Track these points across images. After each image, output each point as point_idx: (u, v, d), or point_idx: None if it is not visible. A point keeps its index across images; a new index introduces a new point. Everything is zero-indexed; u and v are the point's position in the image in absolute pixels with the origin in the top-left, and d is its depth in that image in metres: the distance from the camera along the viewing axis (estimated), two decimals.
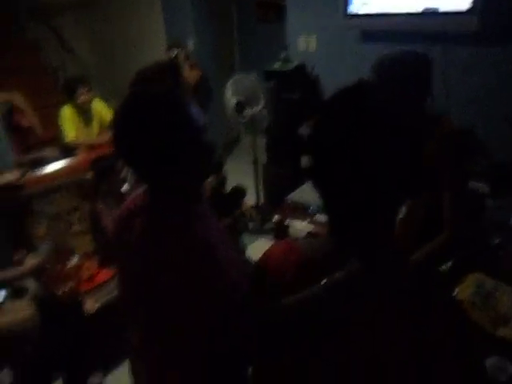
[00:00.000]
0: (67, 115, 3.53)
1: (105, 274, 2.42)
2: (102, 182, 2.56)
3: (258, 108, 3.11)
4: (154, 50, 4.66)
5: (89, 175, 2.64)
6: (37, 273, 2.10)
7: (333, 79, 3.51)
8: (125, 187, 2.65)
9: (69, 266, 2.40)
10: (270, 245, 0.90)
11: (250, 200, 3.74)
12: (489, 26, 2.59)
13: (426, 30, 2.84)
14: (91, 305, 2.18)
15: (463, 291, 1.30)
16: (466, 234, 1.37)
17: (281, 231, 2.97)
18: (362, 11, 3.06)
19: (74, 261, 2.43)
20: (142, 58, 4.81)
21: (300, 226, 2.75)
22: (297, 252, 0.79)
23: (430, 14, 2.75)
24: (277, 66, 3.47)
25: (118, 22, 4.89)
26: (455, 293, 1.31)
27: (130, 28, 4.83)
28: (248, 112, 3.11)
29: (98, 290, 2.30)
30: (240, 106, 3.10)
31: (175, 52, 3.92)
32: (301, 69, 3.49)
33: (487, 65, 2.74)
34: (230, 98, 3.13)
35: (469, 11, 2.55)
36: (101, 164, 2.57)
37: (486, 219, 1.78)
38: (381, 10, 2.97)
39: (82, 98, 3.51)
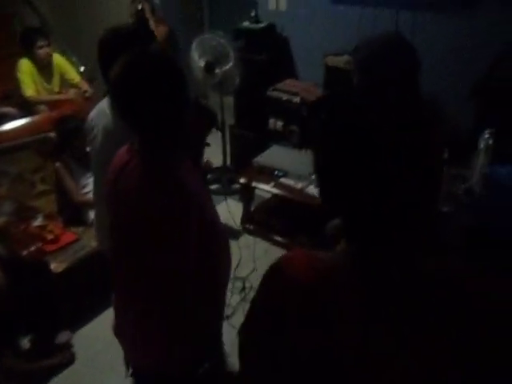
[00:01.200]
0: (25, 68, 3.37)
1: (69, 235, 2.42)
2: (66, 143, 2.51)
3: (226, 68, 3.08)
4: (117, 2, 4.44)
5: (52, 134, 2.58)
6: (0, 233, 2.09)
7: (302, 41, 3.49)
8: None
9: (33, 226, 2.38)
10: (236, 206, 0.97)
11: (216, 160, 3.77)
12: None
13: None
14: (57, 265, 2.19)
15: None
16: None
17: (247, 193, 3.03)
18: None
19: (38, 221, 2.41)
20: (104, 10, 4.59)
21: (266, 189, 2.82)
22: (319, 261, 0.76)
23: None
24: (246, 24, 3.40)
25: None
26: None
27: None
28: (218, 72, 3.08)
29: (64, 251, 2.31)
30: (209, 66, 3.06)
31: (140, 6, 3.77)
32: (270, 29, 3.43)
33: (453, 30, 2.79)
34: (198, 59, 3.08)
35: None
36: (66, 124, 2.51)
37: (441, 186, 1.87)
38: None
39: (42, 51, 3.35)
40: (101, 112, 1.59)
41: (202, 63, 3.07)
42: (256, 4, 3.47)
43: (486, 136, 1.76)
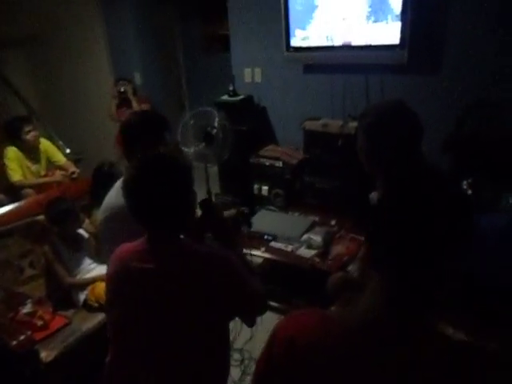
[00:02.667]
0: (12, 155, 3.44)
1: (59, 320, 2.35)
2: (55, 225, 2.51)
3: (220, 139, 3.20)
4: (101, 85, 4.65)
5: (40, 217, 2.58)
6: None
7: (279, 109, 3.66)
8: (82, 231, 2.62)
9: (21, 314, 2.30)
10: None
11: None
12: (416, 57, 2.83)
13: (363, 62, 3.05)
14: (47, 354, 2.10)
15: None
16: None
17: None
18: (303, 45, 3.23)
19: (27, 308, 2.33)
20: (88, 94, 4.79)
21: (257, 254, 2.81)
22: (334, 322, 0.73)
23: (366, 48, 2.96)
24: (225, 97, 3.57)
25: (62, 59, 4.83)
26: None
27: (75, 64, 4.79)
28: (216, 144, 3.19)
29: (54, 337, 2.23)
30: (210, 138, 3.18)
31: (123, 87, 3.95)
32: (248, 100, 3.61)
33: (421, 91, 2.97)
34: (193, 131, 3.17)
35: (399, 46, 2.78)
36: (55, 207, 2.52)
37: None
38: (320, 43, 3.15)
39: (30, 136, 3.45)
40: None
41: (196, 135, 3.17)
42: (233, 78, 3.67)
43: (464, 187, 1.83)
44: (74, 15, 4.55)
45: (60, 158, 3.73)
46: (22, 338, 2.06)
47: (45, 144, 3.68)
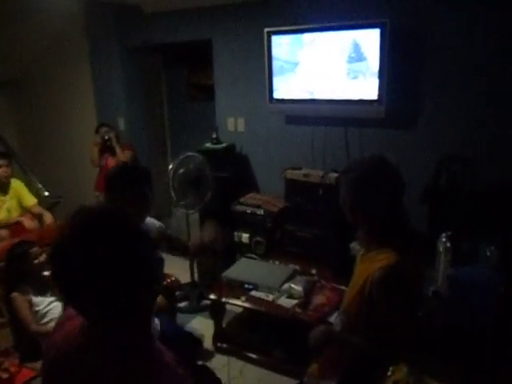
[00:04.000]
0: None
1: (26, 372, 2.21)
2: (14, 269, 2.43)
3: (205, 184, 3.25)
4: (84, 130, 4.66)
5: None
6: None
7: (261, 157, 3.73)
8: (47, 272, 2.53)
9: None
10: (207, 323, 0.80)
11: (184, 277, 3.71)
12: (393, 112, 2.96)
13: (343, 116, 3.17)
14: None
15: (398, 371, 1.38)
16: None
17: (217, 309, 2.95)
18: (285, 97, 3.35)
19: None
20: (70, 138, 4.79)
21: (237, 303, 2.76)
22: None
23: (345, 102, 3.08)
24: (208, 145, 3.62)
25: (46, 102, 4.86)
26: (389, 373, 1.38)
27: (59, 108, 4.81)
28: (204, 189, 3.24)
29: None
30: (198, 183, 3.23)
31: (107, 135, 3.96)
32: (231, 148, 3.67)
33: (395, 144, 3.09)
34: (179, 175, 3.22)
35: (377, 101, 2.91)
36: (13, 251, 2.47)
37: None
38: (302, 96, 3.27)
39: (1, 171, 3.45)
40: None
41: (182, 180, 3.22)
42: (216, 127, 3.74)
43: (443, 239, 1.87)
44: (60, 58, 4.60)
45: (29, 200, 3.71)
46: None
47: (17, 185, 3.68)
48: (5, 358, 2.24)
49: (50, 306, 2.43)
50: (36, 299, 2.40)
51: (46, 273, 2.52)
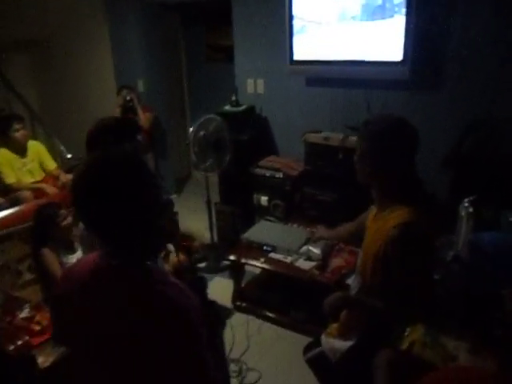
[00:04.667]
0: (2, 160, 3.48)
1: None
2: (42, 230, 2.51)
3: (224, 147, 3.26)
4: (104, 91, 4.67)
5: None
6: None
7: (280, 120, 3.69)
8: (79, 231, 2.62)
9: (19, 319, 2.29)
10: (226, 283, 0.89)
11: (204, 238, 3.79)
12: (418, 74, 2.87)
13: (365, 78, 3.09)
14: (44, 359, 2.09)
15: (415, 332, 1.41)
16: None
17: (237, 270, 3.02)
18: (306, 58, 3.27)
19: (25, 312, 2.33)
20: (91, 99, 4.81)
21: (256, 265, 2.82)
22: (473, 371, 0.75)
23: (368, 63, 3.00)
24: (227, 107, 3.60)
25: (66, 63, 4.86)
26: (406, 333, 1.41)
27: (79, 69, 4.81)
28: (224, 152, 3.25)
29: (51, 343, 2.22)
30: (219, 145, 3.23)
31: (129, 96, 3.97)
32: (250, 111, 3.64)
33: (420, 106, 3.01)
34: (201, 137, 3.22)
35: (401, 62, 2.82)
36: (40, 213, 2.53)
37: None
38: (323, 57, 3.19)
39: (19, 134, 3.49)
40: None
41: (205, 143, 3.22)
42: (236, 89, 3.70)
43: (466, 204, 1.85)
44: (79, 20, 4.58)
45: (50, 163, 3.78)
46: (19, 343, 2.05)
47: (38, 147, 3.74)
48: (36, 311, 2.36)
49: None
50: (64, 257, 2.50)
51: (75, 232, 2.61)
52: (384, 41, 2.88)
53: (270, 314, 2.88)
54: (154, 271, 1.07)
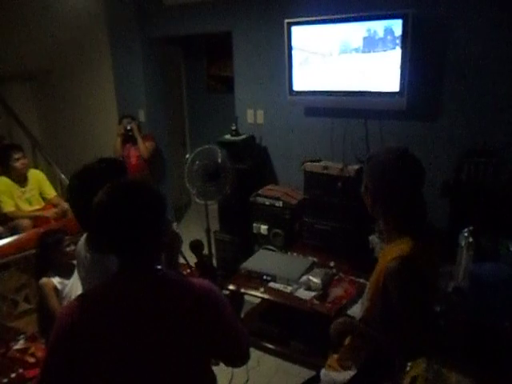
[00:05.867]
0: (3, 187, 3.50)
1: None
2: (45, 257, 2.49)
3: (224, 177, 3.27)
4: (105, 120, 4.73)
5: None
6: None
7: (280, 150, 3.73)
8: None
9: (13, 350, 2.26)
10: None
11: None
12: (415, 105, 2.92)
13: (364, 108, 3.14)
14: None
15: (416, 366, 1.38)
16: None
17: (236, 300, 2.98)
18: (305, 89, 3.33)
19: (19, 344, 2.29)
20: (92, 128, 4.87)
21: (255, 295, 2.78)
22: None
23: (367, 94, 3.05)
24: (227, 137, 3.64)
25: (69, 94, 4.95)
26: (408, 368, 1.38)
27: (81, 100, 4.90)
28: (218, 180, 3.26)
29: None
30: (214, 175, 3.24)
31: (129, 125, 4.03)
32: (250, 140, 3.68)
33: (418, 136, 3.05)
34: (196, 167, 3.23)
35: (398, 93, 2.87)
36: (46, 238, 2.52)
37: None
38: (322, 88, 3.25)
39: (19, 163, 3.52)
40: (80, 248, 1.59)
41: (204, 172, 3.23)
42: (236, 118, 3.75)
43: (465, 234, 1.85)
44: (83, 51, 4.69)
45: (50, 191, 3.80)
46: (12, 375, 2.02)
47: (39, 176, 3.76)
48: (31, 343, 2.32)
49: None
50: (63, 283, 2.46)
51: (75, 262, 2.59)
52: (382, 72, 2.94)
53: (270, 346, 2.83)
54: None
